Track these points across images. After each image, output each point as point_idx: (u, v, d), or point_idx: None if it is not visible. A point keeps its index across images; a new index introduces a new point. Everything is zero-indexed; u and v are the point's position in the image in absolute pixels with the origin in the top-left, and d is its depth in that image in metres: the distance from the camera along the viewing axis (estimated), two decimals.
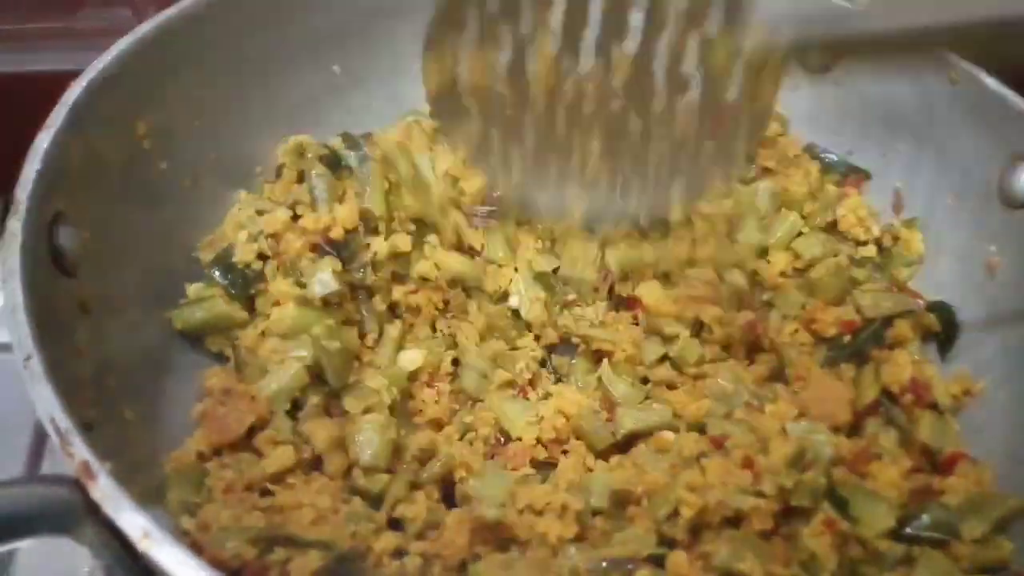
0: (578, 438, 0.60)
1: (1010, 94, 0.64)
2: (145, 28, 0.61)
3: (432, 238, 0.66)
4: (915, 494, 0.54)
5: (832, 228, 0.74)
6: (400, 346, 0.64)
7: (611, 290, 0.69)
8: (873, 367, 0.61)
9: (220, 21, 0.67)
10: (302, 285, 0.61)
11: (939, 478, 0.57)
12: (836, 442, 0.55)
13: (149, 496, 0.47)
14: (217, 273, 0.63)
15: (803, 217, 0.73)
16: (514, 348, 0.67)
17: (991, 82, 0.65)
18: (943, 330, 0.66)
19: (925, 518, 0.52)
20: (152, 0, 0.87)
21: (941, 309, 0.67)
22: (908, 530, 0.52)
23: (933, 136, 0.71)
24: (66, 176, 0.53)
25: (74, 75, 0.56)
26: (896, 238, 0.72)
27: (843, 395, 0.58)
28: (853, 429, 0.59)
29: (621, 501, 0.54)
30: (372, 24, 0.77)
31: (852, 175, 0.76)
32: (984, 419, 0.62)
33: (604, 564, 0.49)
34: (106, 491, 0.38)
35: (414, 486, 0.56)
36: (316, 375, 0.58)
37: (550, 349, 0.69)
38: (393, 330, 0.65)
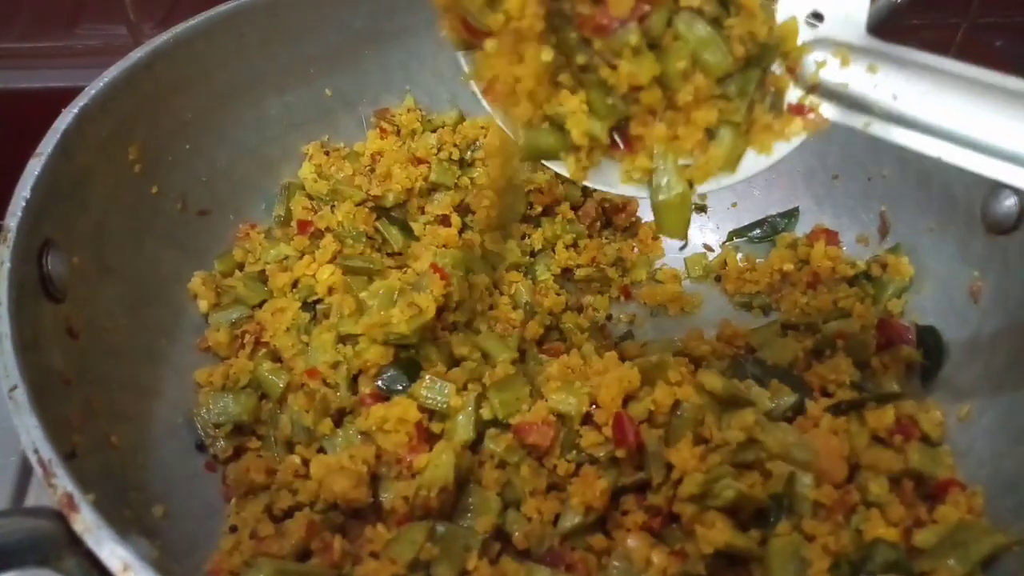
0: None
1: None
2: (137, 54, 0.62)
3: None
4: (907, 532, 0.54)
5: (816, 280, 0.75)
6: None
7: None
8: (858, 418, 0.61)
9: (213, 46, 0.68)
10: None
11: (929, 507, 0.56)
12: (817, 493, 0.55)
13: (133, 525, 0.48)
14: None
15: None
16: None
17: None
18: (930, 357, 0.66)
19: (877, 559, 0.51)
20: (148, 18, 0.88)
21: (930, 334, 0.67)
22: None
23: (917, 161, 0.71)
24: (56, 202, 0.53)
25: (71, 92, 0.56)
26: (884, 265, 0.73)
27: (840, 452, 0.57)
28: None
29: None
30: (363, 49, 0.78)
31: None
32: (968, 444, 0.62)
33: None
34: (88, 523, 0.38)
35: None
36: None
37: None
38: None
